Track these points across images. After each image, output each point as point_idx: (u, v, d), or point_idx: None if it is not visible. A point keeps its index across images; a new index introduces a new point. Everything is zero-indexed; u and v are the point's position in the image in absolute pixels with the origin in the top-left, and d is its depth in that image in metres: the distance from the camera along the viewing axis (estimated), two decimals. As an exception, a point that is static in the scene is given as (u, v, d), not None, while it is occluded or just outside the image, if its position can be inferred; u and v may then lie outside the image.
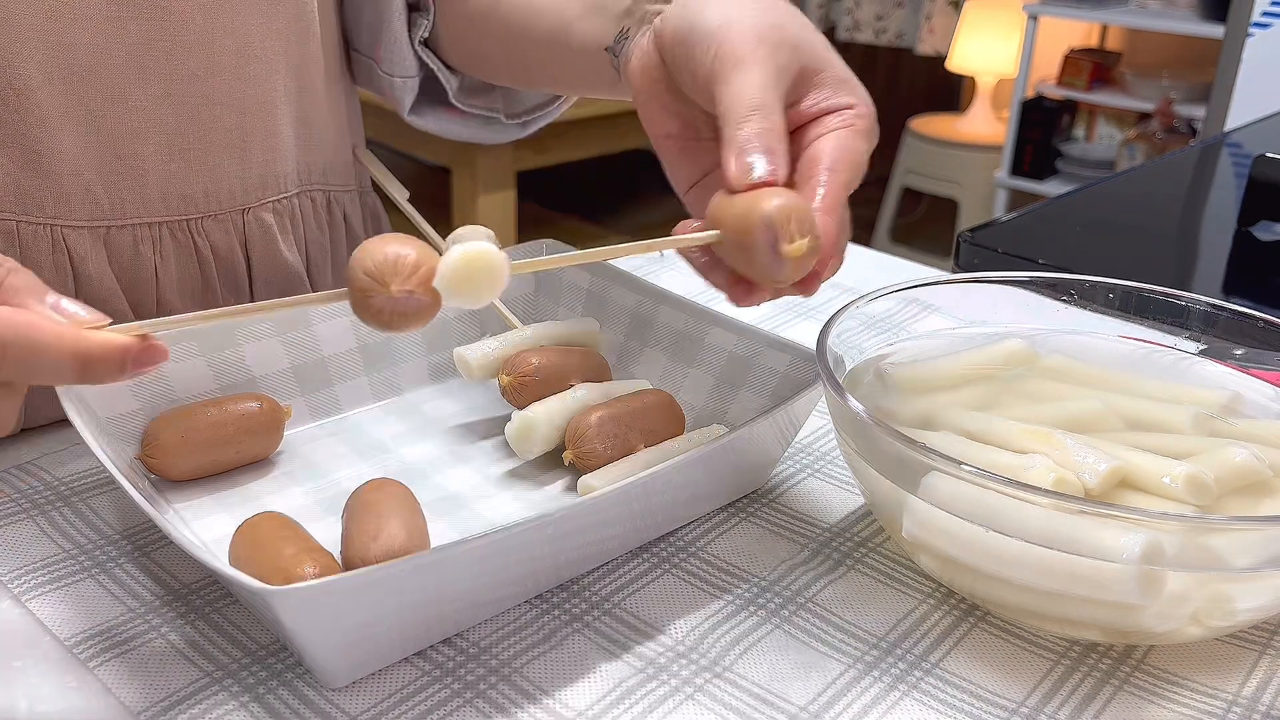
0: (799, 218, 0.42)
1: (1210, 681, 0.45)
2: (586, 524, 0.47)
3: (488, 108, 0.76)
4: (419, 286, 0.38)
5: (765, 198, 0.42)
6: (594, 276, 0.67)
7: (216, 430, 0.54)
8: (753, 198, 0.43)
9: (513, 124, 0.77)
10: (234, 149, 0.63)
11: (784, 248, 0.42)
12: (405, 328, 0.39)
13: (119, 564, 0.50)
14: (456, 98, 0.74)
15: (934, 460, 0.42)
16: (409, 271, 0.38)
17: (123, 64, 0.57)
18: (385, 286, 0.38)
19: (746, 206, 0.43)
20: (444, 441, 0.60)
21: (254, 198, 0.65)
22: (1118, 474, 0.47)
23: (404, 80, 0.71)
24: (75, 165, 0.57)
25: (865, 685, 0.44)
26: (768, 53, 0.45)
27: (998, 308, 0.59)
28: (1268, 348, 0.55)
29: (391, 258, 0.38)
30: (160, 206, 0.60)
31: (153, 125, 0.59)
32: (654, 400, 0.57)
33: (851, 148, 0.46)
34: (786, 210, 0.42)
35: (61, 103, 0.56)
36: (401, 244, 0.38)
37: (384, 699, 0.43)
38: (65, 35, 0.55)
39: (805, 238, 0.42)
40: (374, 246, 0.38)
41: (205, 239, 0.63)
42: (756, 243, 0.42)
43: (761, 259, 0.43)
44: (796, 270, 0.43)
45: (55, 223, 0.57)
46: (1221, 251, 0.89)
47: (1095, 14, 2.79)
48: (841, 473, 0.58)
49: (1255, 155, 0.88)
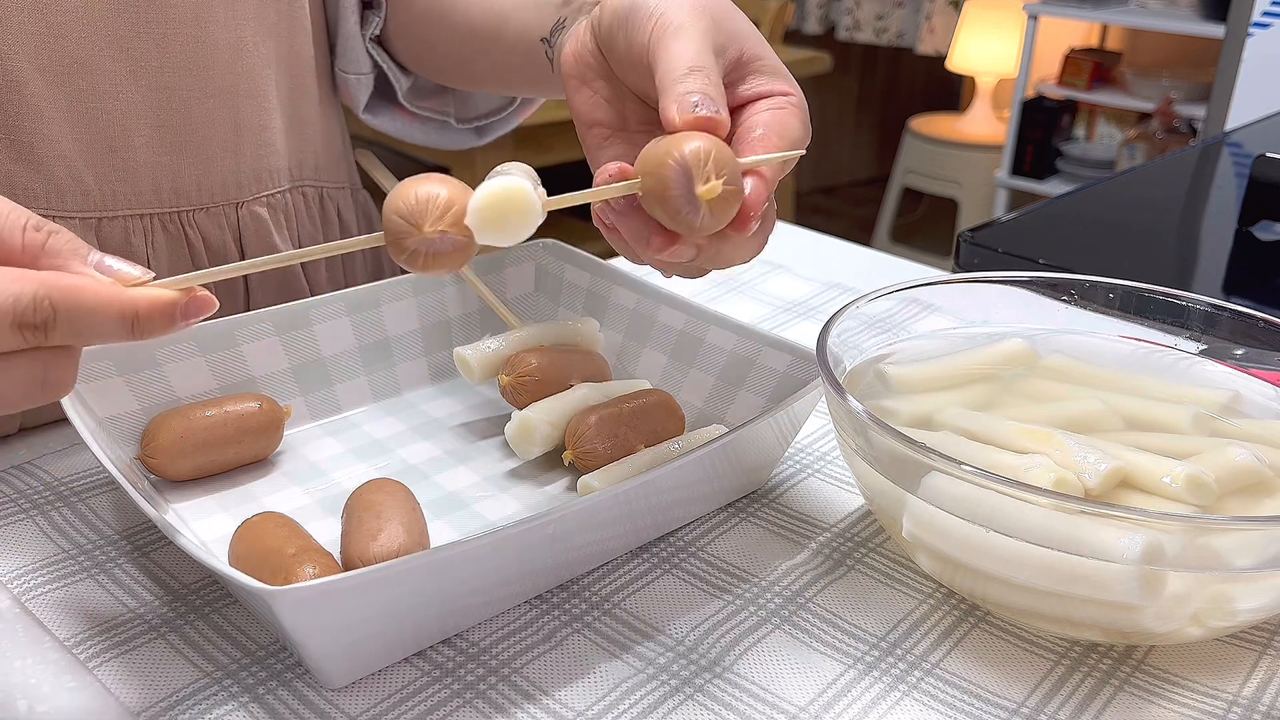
0: (718, 160, 0.41)
1: (1210, 681, 0.45)
2: (586, 524, 0.47)
3: (439, 111, 0.76)
4: (452, 226, 0.38)
5: (686, 139, 0.41)
6: (594, 276, 0.67)
7: (216, 430, 0.54)
8: (673, 139, 0.41)
9: (465, 129, 0.78)
10: (226, 142, 0.63)
11: (699, 188, 0.40)
12: (441, 268, 0.39)
13: (119, 564, 0.50)
14: (406, 98, 0.74)
15: (934, 460, 0.42)
16: (441, 211, 0.38)
17: (113, 56, 0.57)
18: (419, 228, 0.38)
19: (666, 147, 0.41)
20: (444, 441, 0.60)
21: (247, 192, 0.65)
22: (1118, 474, 0.47)
23: (357, 77, 0.72)
24: (67, 157, 0.57)
25: (865, 685, 0.44)
26: (706, 26, 0.45)
27: (998, 308, 0.59)
28: (1268, 348, 0.55)
29: (424, 198, 0.38)
30: (152, 199, 0.61)
31: (144, 118, 0.59)
32: (654, 400, 0.57)
33: (788, 124, 0.45)
34: (704, 151, 0.41)
35: (52, 94, 0.56)
36: (434, 183, 0.38)
37: (384, 699, 0.43)
38: (54, 27, 0.55)
39: (721, 179, 0.40)
40: (406, 188, 0.38)
41: (197, 231, 0.63)
42: (670, 181, 0.41)
43: (676, 198, 0.41)
44: (713, 218, 0.41)
45: (48, 213, 0.57)
46: (1221, 251, 0.89)
47: (1095, 14, 2.79)
48: (841, 473, 0.58)
49: (1255, 155, 0.88)
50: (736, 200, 0.42)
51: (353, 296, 0.62)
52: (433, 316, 0.66)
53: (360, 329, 0.63)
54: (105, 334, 0.36)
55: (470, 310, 0.67)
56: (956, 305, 0.59)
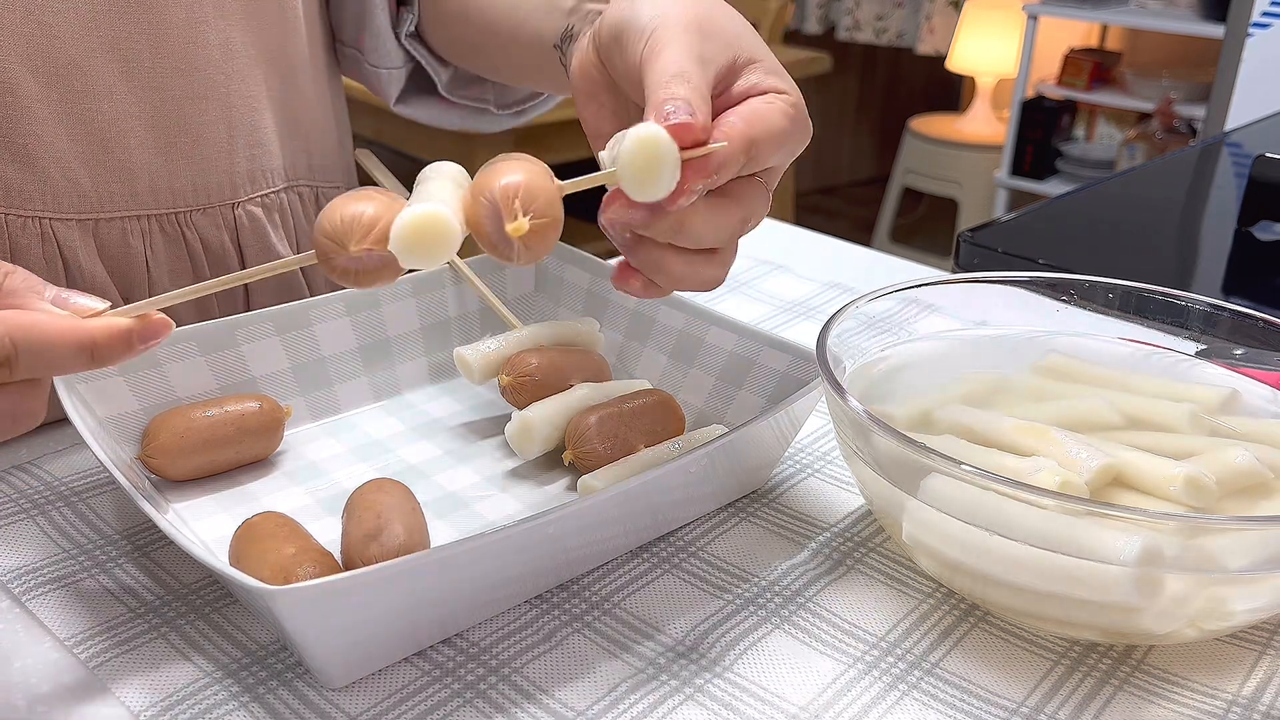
0: (527, 194, 0.39)
1: (1210, 681, 0.45)
2: (586, 524, 0.47)
3: (478, 99, 0.77)
4: (377, 243, 0.39)
5: (500, 173, 0.40)
6: (594, 276, 0.67)
7: (216, 430, 0.54)
8: (490, 172, 0.40)
9: (505, 114, 0.78)
10: (220, 143, 0.63)
11: (507, 226, 0.39)
12: (375, 283, 0.40)
13: (119, 564, 0.50)
14: (446, 89, 0.75)
15: (934, 461, 0.42)
16: (365, 230, 0.38)
17: (106, 58, 0.57)
18: (344, 248, 0.38)
19: (480, 182, 0.40)
20: (444, 441, 0.60)
21: (243, 192, 0.65)
22: (1110, 471, 0.47)
23: (389, 72, 0.72)
24: (62, 159, 0.57)
25: (865, 685, 0.44)
26: (694, 39, 0.45)
27: (998, 308, 0.59)
28: (1267, 348, 0.55)
29: (349, 218, 0.39)
30: (149, 200, 0.61)
31: (138, 119, 0.59)
32: (654, 400, 0.57)
33: (767, 116, 0.44)
34: (514, 187, 0.39)
35: (46, 96, 0.56)
36: (361, 201, 0.39)
37: (384, 699, 0.43)
38: (46, 29, 0.55)
39: (528, 216, 0.39)
40: (334, 207, 0.39)
41: (195, 232, 0.63)
42: (483, 218, 0.40)
43: (490, 234, 0.40)
44: (527, 251, 0.40)
45: (44, 216, 0.57)
46: (1221, 251, 0.89)
47: (1095, 14, 2.79)
48: (841, 473, 0.58)
49: (1255, 155, 0.88)
50: (551, 229, 0.41)
51: (353, 296, 0.62)
52: (433, 316, 0.66)
53: (360, 329, 0.63)
54: (65, 365, 0.38)
55: (470, 310, 0.67)
56: (956, 305, 0.59)
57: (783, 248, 0.91)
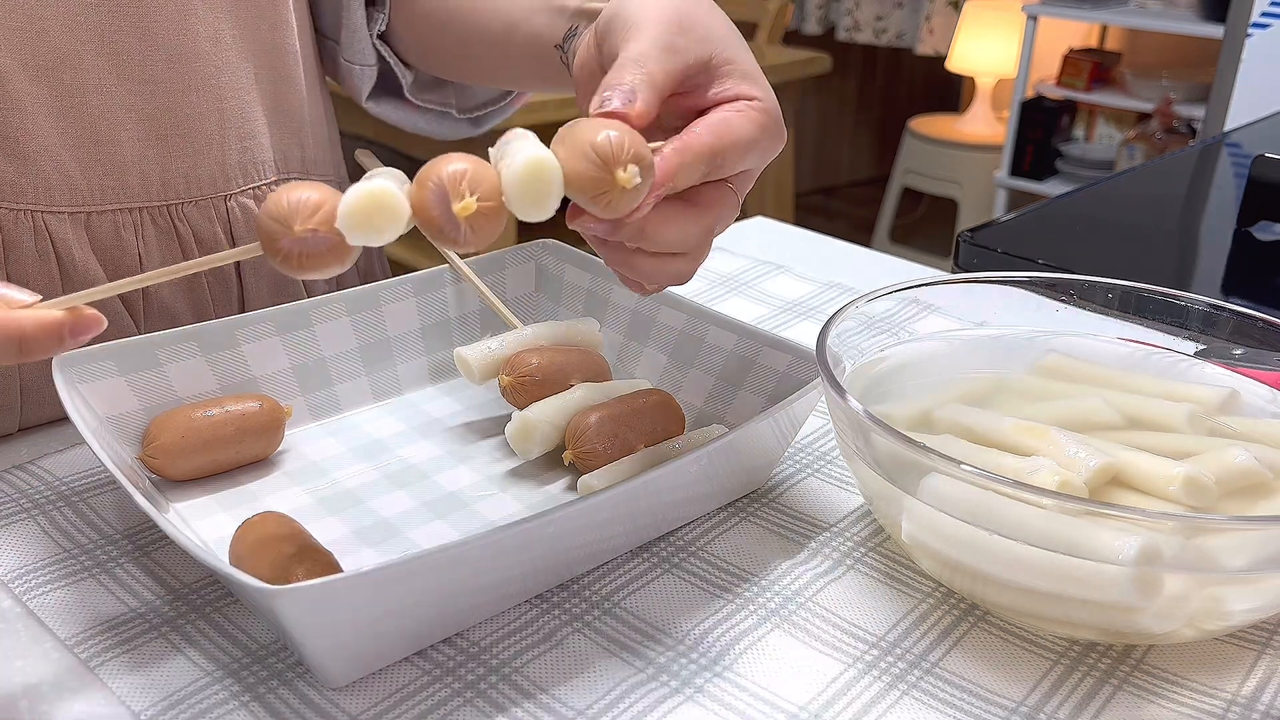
0: (474, 179, 0.40)
1: (1209, 681, 0.45)
2: (586, 524, 0.47)
3: (440, 103, 0.77)
4: (322, 224, 0.39)
5: (446, 160, 0.40)
6: (594, 276, 0.67)
7: (217, 430, 0.54)
8: (434, 161, 0.41)
9: (464, 119, 0.79)
10: (211, 135, 0.63)
11: (455, 205, 0.40)
12: (317, 268, 0.40)
13: (119, 564, 0.50)
14: (410, 92, 0.75)
15: (934, 461, 0.42)
16: (310, 211, 0.39)
17: (96, 50, 0.57)
18: (289, 228, 0.38)
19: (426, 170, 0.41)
20: (444, 441, 0.60)
21: (234, 184, 0.65)
22: (1109, 471, 0.47)
23: (362, 68, 0.73)
24: (53, 152, 0.58)
25: (865, 685, 0.44)
26: (666, 29, 0.46)
27: (997, 308, 0.59)
28: (1267, 348, 0.55)
29: (295, 201, 0.39)
30: (140, 192, 0.61)
31: (129, 112, 0.59)
32: (654, 400, 0.57)
33: (735, 125, 0.45)
34: (459, 173, 0.40)
35: (36, 90, 0.56)
36: (305, 189, 0.39)
37: (384, 699, 0.43)
38: (36, 22, 0.55)
39: (475, 196, 0.40)
40: (279, 194, 0.39)
41: (187, 225, 0.63)
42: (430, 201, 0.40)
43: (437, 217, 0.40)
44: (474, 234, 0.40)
45: (36, 208, 0.58)
46: (1221, 251, 0.89)
47: (1095, 14, 2.79)
48: (841, 473, 0.59)
49: (1255, 155, 0.88)
50: (496, 214, 0.41)
51: (353, 296, 0.62)
52: (433, 316, 0.66)
53: (360, 329, 0.63)
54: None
55: (470, 310, 0.67)
56: (956, 305, 0.59)
57: (783, 248, 0.91)
